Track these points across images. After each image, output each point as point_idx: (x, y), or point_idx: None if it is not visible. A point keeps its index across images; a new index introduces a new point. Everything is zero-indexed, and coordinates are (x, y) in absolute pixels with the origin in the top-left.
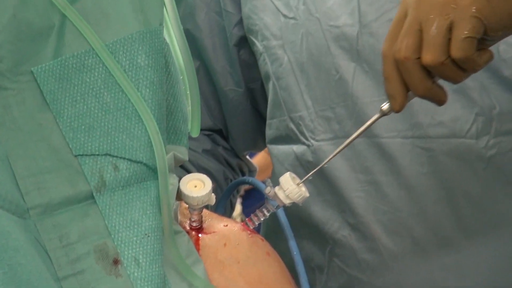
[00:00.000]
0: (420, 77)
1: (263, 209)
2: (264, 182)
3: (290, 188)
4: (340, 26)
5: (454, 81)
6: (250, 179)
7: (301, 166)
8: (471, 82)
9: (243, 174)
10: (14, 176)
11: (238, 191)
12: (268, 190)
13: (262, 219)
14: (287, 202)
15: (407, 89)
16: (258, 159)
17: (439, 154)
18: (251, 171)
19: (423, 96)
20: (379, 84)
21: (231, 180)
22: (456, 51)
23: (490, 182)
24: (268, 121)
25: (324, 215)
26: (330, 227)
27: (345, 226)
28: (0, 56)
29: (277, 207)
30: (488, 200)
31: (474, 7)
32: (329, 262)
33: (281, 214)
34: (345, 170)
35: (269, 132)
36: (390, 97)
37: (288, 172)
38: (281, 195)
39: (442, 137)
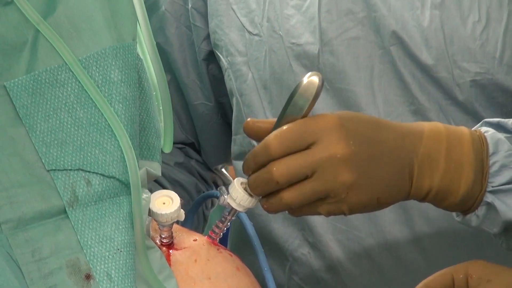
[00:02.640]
0: None
1: (222, 219)
2: (218, 191)
3: (239, 196)
4: (301, 44)
5: None
6: (217, 193)
7: None
8: (429, 103)
9: (217, 187)
10: None
11: (212, 204)
12: (222, 200)
13: (224, 229)
14: (241, 209)
15: None
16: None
17: None
18: (226, 184)
19: None
20: (340, 102)
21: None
22: None
23: None
24: (233, 137)
25: (285, 232)
26: (290, 244)
27: (305, 244)
28: None
29: (232, 214)
30: (445, 221)
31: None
32: (289, 280)
33: (250, 229)
34: None
35: (234, 148)
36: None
37: (236, 179)
38: (233, 203)
39: None
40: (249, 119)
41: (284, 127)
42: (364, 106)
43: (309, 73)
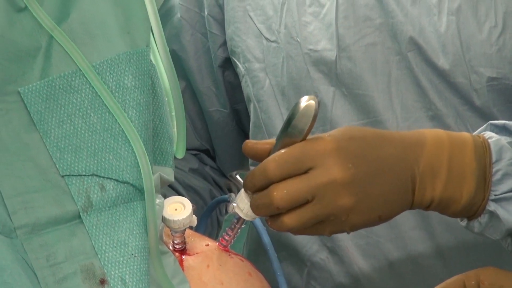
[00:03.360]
0: None
1: (231, 227)
2: (228, 197)
3: (246, 207)
4: (319, 51)
5: None
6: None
7: None
8: (446, 109)
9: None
10: (1, 196)
11: (227, 210)
12: (230, 208)
13: (234, 236)
14: (248, 218)
15: None
16: None
17: None
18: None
19: None
20: (357, 108)
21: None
22: None
23: None
24: None
25: (303, 237)
26: (309, 249)
27: (323, 249)
28: None
29: (241, 223)
30: (464, 228)
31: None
32: (307, 285)
33: (265, 236)
34: None
35: None
36: None
37: (242, 189)
38: (240, 213)
39: None
40: (247, 140)
41: (283, 151)
42: (382, 112)
43: (306, 97)
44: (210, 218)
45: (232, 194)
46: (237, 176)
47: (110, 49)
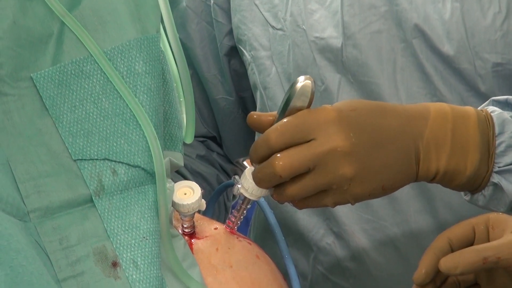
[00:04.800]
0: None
1: (237, 208)
2: (232, 180)
3: (251, 186)
4: (325, 38)
5: None
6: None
7: None
8: (451, 95)
9: None
10: (14, 180)
11: (234, 196)
12: (235, 190)
13: (240, 217)
14: (254, 198)
15: None
16: None
17: None
18: None
19: None
20: (363, 95)
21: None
22: None
23: None
24: None
25: (309, 222)
26: (315, 234)
27: (330, 233)
28: (0, 62)
29: (246, 203)
30: (468, 211)
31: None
32: (313, 269)
33: (271, 218)
34: None
35: None
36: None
37: (247, 169)
38: (245, 193)
39: None
40: (251, 112)
41: (284, 120)
42: (388, 99)
43: (302, 77)
44: (217, 203)
45: (237, 176)
46: (244, 162)
47: (121, 36)
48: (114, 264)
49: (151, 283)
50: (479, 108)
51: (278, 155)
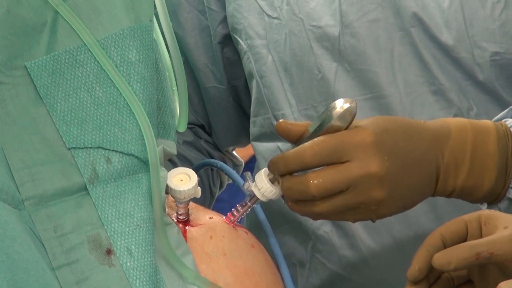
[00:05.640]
0: None
1: (243, 204)
2: (243, 177)
3: (264, 187)
4: (322, 27)
5: None
6: (219, 163)
7: None
8: (449, 83)
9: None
10: (9, 168)
11: (222, 185)
12: (246, 186)
13: (243, 213)
14: (264, 199)
15: None
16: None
17: None
18: (236, 165)
19: None
20: (360, 83)
21: (212, 171)
22: None
23: None
24: (252, 119)
25: None
26: (313, 222)
27: (327, 222)
28: None
29: (254, 202)
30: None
31: None
32: (311, 258)
33: (259, 211)
34: None
35: (254, 130)
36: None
37: (264, 169)
38: (257, 192)
39: None
40: (281, 120)
41: (321, 138)
42: (385, 87)
43: (341, 100)
44: (203, 188)
45: (249, 173)
46: (234, 152)
47: (114, 24)
48: (108, 252)
49: (145, 270)
50: (496, 118)
51: (314, 174)
